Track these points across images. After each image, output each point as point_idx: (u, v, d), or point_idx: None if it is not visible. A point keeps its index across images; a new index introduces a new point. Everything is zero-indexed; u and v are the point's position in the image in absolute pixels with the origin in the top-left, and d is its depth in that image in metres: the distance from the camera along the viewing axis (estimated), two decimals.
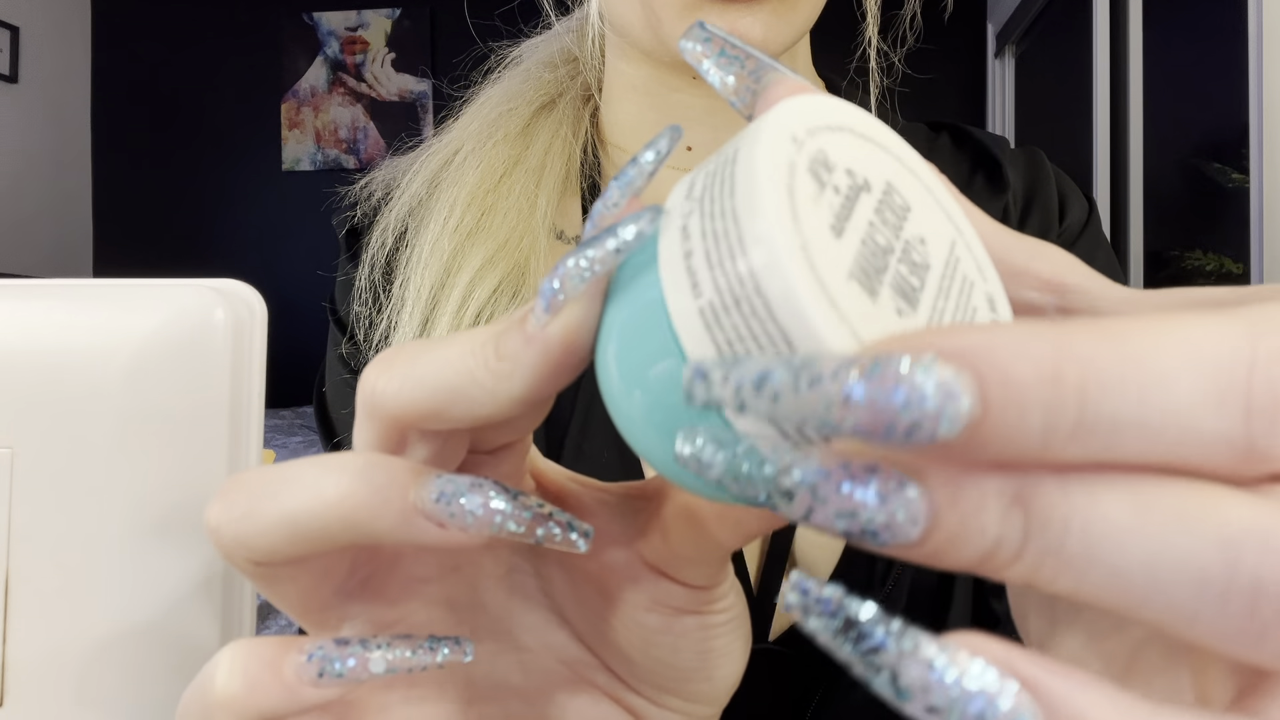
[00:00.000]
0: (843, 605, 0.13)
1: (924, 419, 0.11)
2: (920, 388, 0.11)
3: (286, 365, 1.27)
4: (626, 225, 0.16)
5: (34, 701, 0.27)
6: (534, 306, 0.17)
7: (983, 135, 0.53)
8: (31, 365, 0.27)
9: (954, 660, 0.12)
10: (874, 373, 0.11)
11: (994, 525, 0.12)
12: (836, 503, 0.12)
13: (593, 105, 0.53)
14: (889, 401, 0.11)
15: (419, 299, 0.46)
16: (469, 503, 0.17)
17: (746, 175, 0.15)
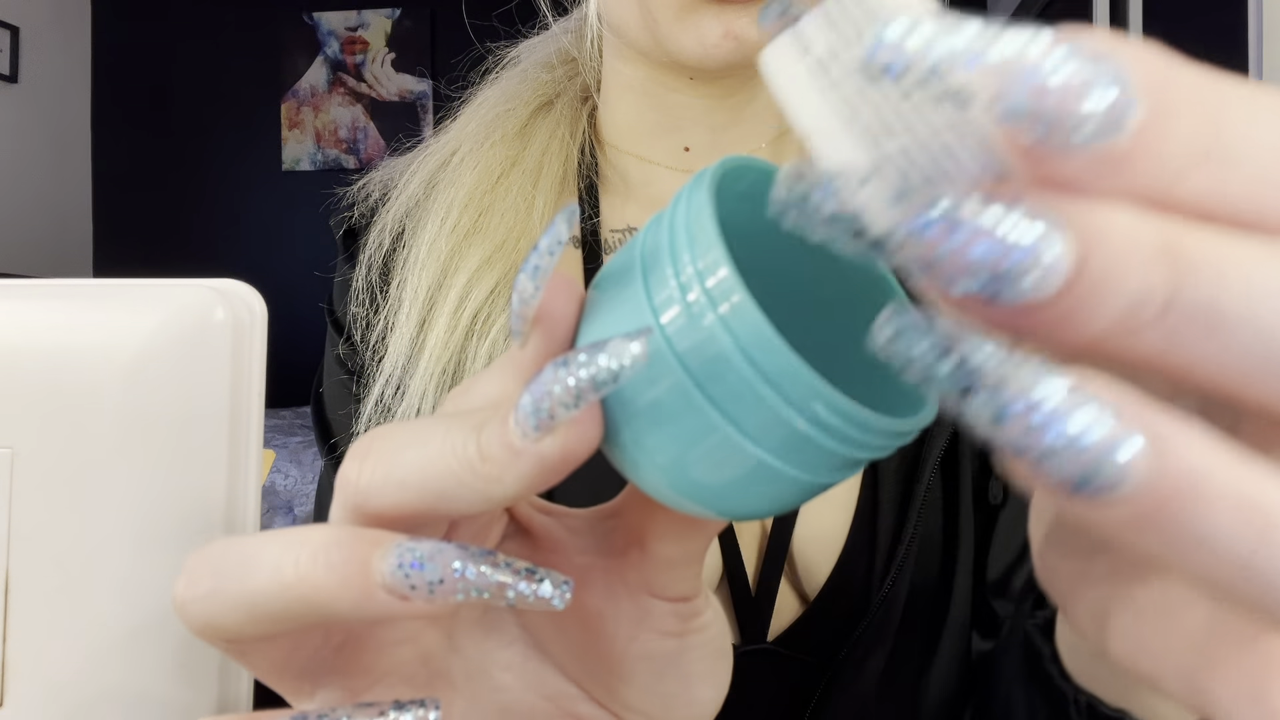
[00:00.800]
0: (943, 325, 0.12)
1: (1110, 111, 0.11)
2: (1108, 77, 0.11)
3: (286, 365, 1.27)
4: (626, 348, 0.15)
5: (34, 701, 0.27)
6: (516, 414, 0.16)
7: None
8: (31, 365, 0.27)
9: (1055, 383, 0.11)
10: (1068, 59, 0.11)
11: (1143, 269, 0.11)
12: (977, 237, 0.11)
13: (590, 106, 0.53)
14: (1078, 87, 0.11)
15: (416, 300, 0.46)
16: (430, 572, 0.17)
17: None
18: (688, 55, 0.41)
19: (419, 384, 0.44)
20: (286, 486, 1.88)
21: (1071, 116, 0.11)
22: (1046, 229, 0.11)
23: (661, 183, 0.50)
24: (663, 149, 0.50)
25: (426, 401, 0.44)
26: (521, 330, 0.17)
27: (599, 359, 0.15)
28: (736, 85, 0.48)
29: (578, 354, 0.16)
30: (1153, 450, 0.11)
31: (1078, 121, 0.11)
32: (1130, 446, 0.11)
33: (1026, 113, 0.11)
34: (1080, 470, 0.11)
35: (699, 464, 0.16)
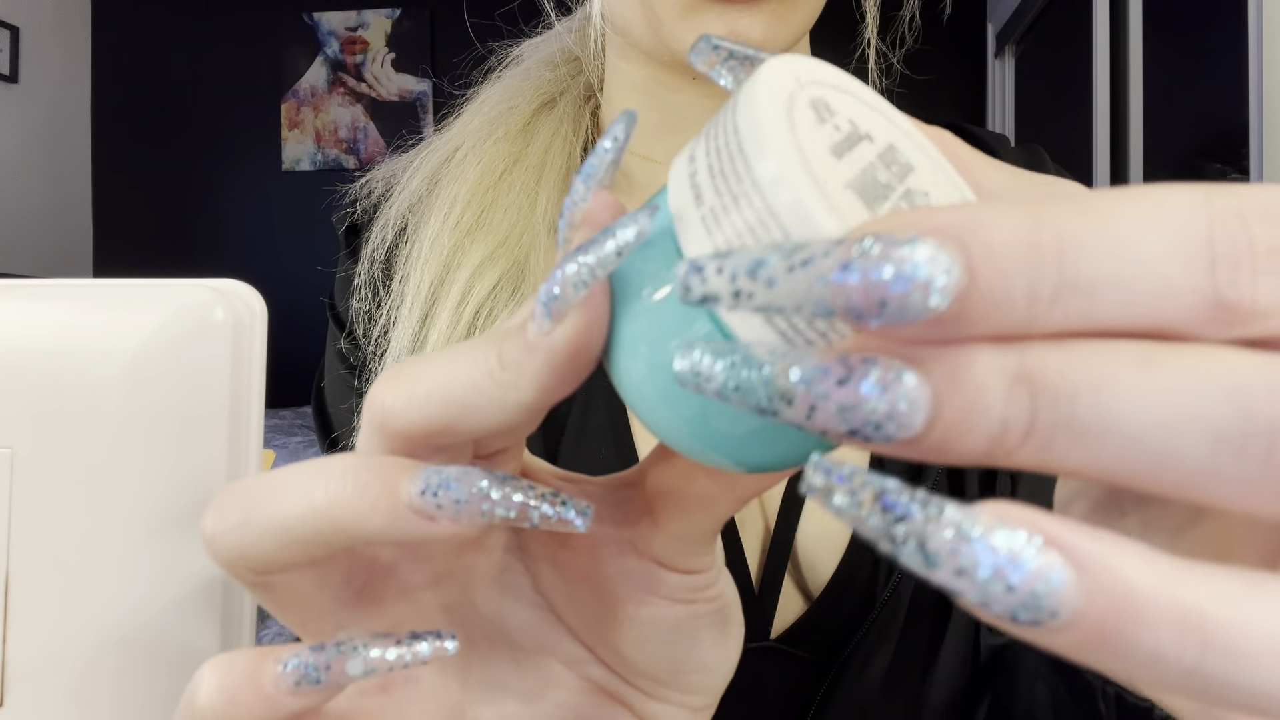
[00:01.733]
0: (865, 479, 0.12)
1: (914, 290, 0.11)
2: (910, 260, 0.11)
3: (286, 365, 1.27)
4: (626, 226, 0.16)
5: (34, 701, 0.27)
6: (533, 313, 0.17)
7: (983, 133, 0.53)
8: (31, 365, 0.27)
9: (979, 523, 0.12)
10: (865, 249, 0.12)
11: (999, 404, 0.12)
12: (837, 397, 0.12)
13: (593, 104, 0.53)
14: (879, 276, 0.11)
15: (419, 295, 0.46)
16: (456, 491, 0.17)
17: (748, 97, 0.15)
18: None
19: None
20: None
21: (880, 307, 0.11)
22: (901, 382, 0.12)
23: (664, 181, 0.50)
24: (665, 148, 0.50)
25: None
26: (567, 236, 0.18)
27: (604, 241, 0.16)
28: None
29: (588, 243, 0.16)
30: (1080, 578, 0.11)
31: (892, 310, 0.11)
32: (1059, 578, 0.11)
33: (835, 311, 0.12)
34: (1015, 606, 0.11)
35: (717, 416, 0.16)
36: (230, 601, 0.28)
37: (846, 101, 0.17)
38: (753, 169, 0.14)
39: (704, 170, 0.16)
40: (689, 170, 0.16)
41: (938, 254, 0.11)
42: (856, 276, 0.11)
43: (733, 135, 0.15)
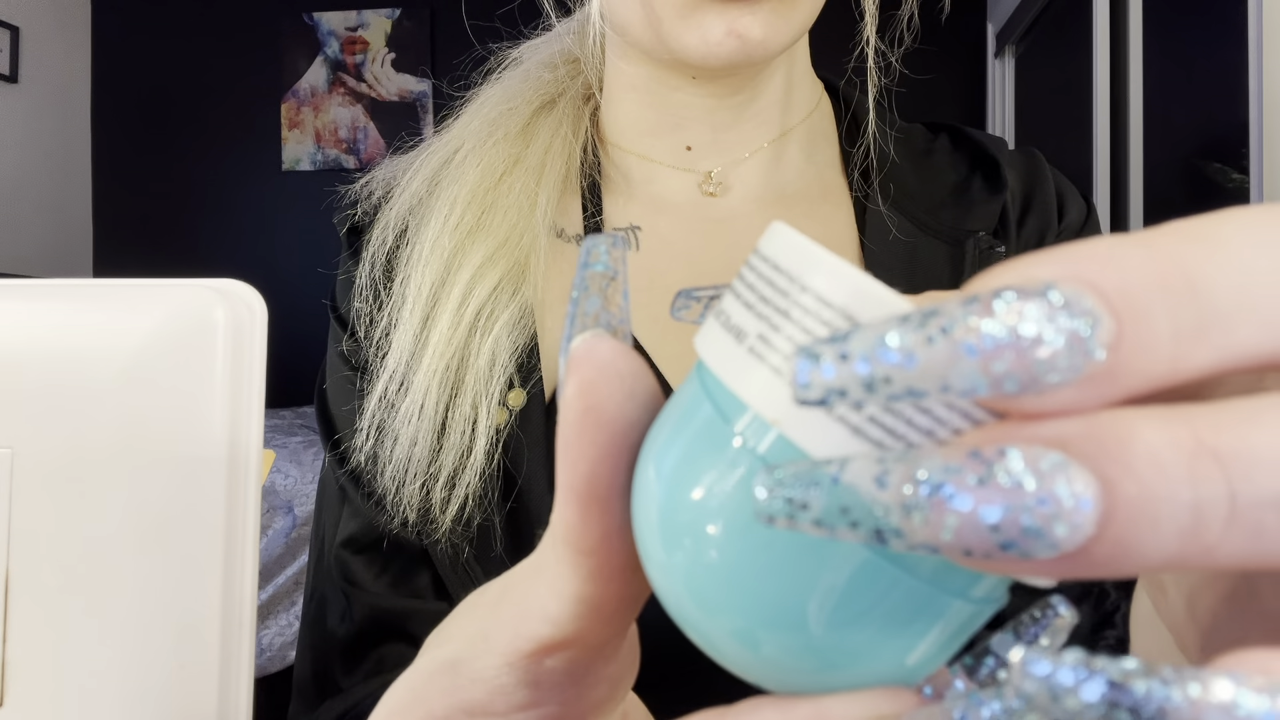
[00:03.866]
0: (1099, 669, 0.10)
1: (1073, 342, 0.10)
2: (1055, 308, 0.10)
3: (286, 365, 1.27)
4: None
5: (34, 701, 0.27)
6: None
7: (981, 136, 0.53)
8: (31, 365, 0.27)
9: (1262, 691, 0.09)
10: (1007, 301, 0.10)
11: (1184, 483, 0.10)
12: (983, 498, 0.10)
13: (593, 105, 0.53)
14: (1032, 334, 0.10)
15: (419, 296, 0.46)
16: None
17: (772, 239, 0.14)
18: (691, 54, 0.41)
19: (422, 380, 0.44)
20: (286, 486, 1.88)
21: (1033, 368, 0.10)
22: (1060, 468, 0.10)
23: (663, 181, 0.50)
24: (665, 148, 0.50)
25: (430, 397, 0.44)
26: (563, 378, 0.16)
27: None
28: (739, 85, 0.48)
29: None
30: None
31: (1043, 370, 0.10)
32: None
33: (986, 388, 0.10)
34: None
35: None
36: (230, 601, 0.29)
37: None
38: (803, 280, 0.13)
39: (739, 311, 0.14)
40: (719, 323, 0.15)
41: (1081, 303, 0.10)
42: (1005, 335, 0.10)
43: (768, 269, 0.14)
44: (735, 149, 0.50)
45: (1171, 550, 0.10)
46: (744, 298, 0.14)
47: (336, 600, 0.48)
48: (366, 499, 0.47)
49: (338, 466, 0.48)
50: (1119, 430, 0.10)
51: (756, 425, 0.14)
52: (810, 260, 0.13)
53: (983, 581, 0.14)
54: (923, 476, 0.10)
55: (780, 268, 0.14)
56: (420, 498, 0.44)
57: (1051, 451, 0.10)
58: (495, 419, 0.44)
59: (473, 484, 0.43)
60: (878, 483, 0.11)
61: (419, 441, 0.44)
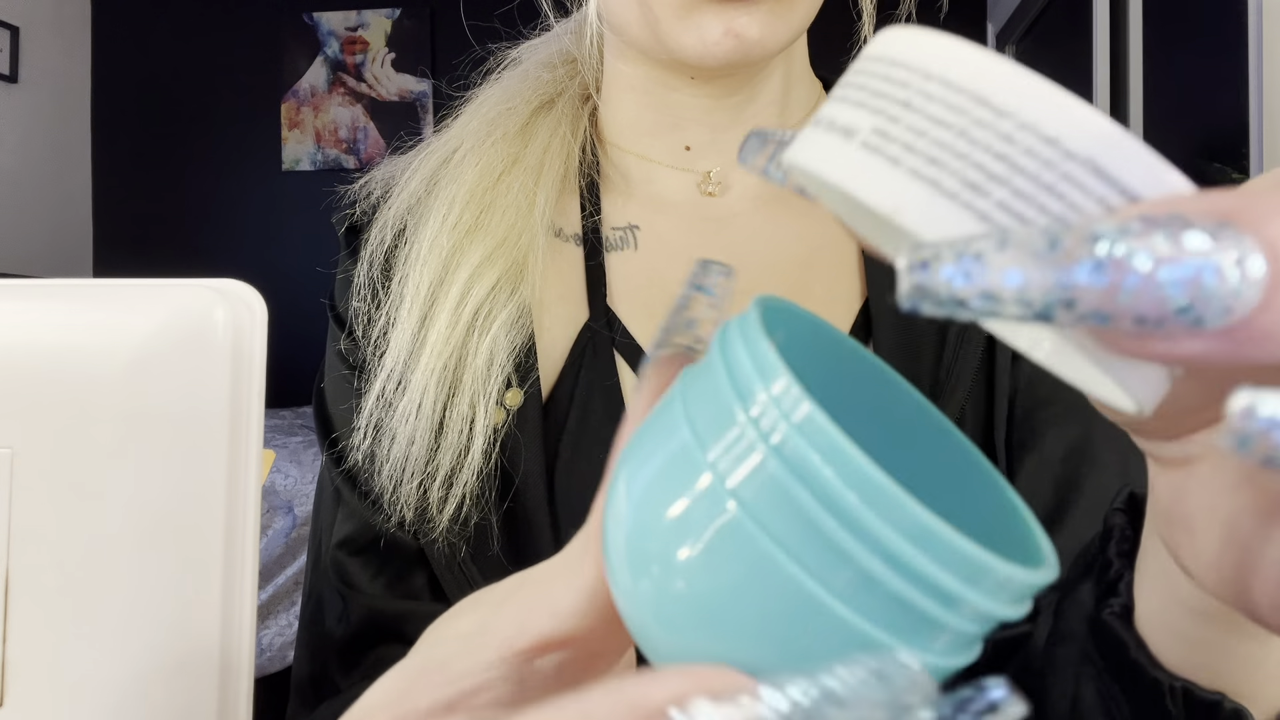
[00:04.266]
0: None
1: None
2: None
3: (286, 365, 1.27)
4: None
5: (34, 701, 0.27)
6: None
7: None
8: (31, 365, 0.27)
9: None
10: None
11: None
12: (1165, 256, 0.10)
13: (591, 105, 0.53)
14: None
15: (418, 295, 0.46)
16: None
17: (870, 47, 0.14)
18: (689, 54, 0.41)
19: (420, 379, 0.44)
20: (286, 486, 1.88)
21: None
22: (1229, 237, 0.10)
23: (662, 181, 0.50)
24: (663, 148, 0.50)
25: (428, 396, 0.44)
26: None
27: None
28: (737, 84, 0.48)
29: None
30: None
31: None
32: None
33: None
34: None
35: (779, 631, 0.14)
36: (229, 601, 0.29)
37: None
38: (909, 64, 0.13)
39: (843, 110, 0.14)
40: (818, 130, 0.14)
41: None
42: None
43: (899, 72, 0.14)
44: (734, 148, 0.50)
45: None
46: (866, 104, 0.14)
47: (334, 601, 0.48)
48: (362, 499, 0.47)
49: (334, 466, 0.48)
50: (1274, 204, 0.10)
51: (732, 450, 0.14)
52: (954, 56, 0.13)
53: (939, 641, 0.14)
54: (1100, 235, 0.10)
55: (914, 67, 0.13)
56: (417, 497, 0.44)
57: (1223, 220, 0.10)
58: (493, 419, 0.44)
59: (470, 483, 0.43)
60: (1050, 246, 0.10)
61: (416, 440, 0.44)
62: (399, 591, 0.47)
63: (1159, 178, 0.11)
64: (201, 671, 0.28)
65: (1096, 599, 0.31)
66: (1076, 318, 0.10)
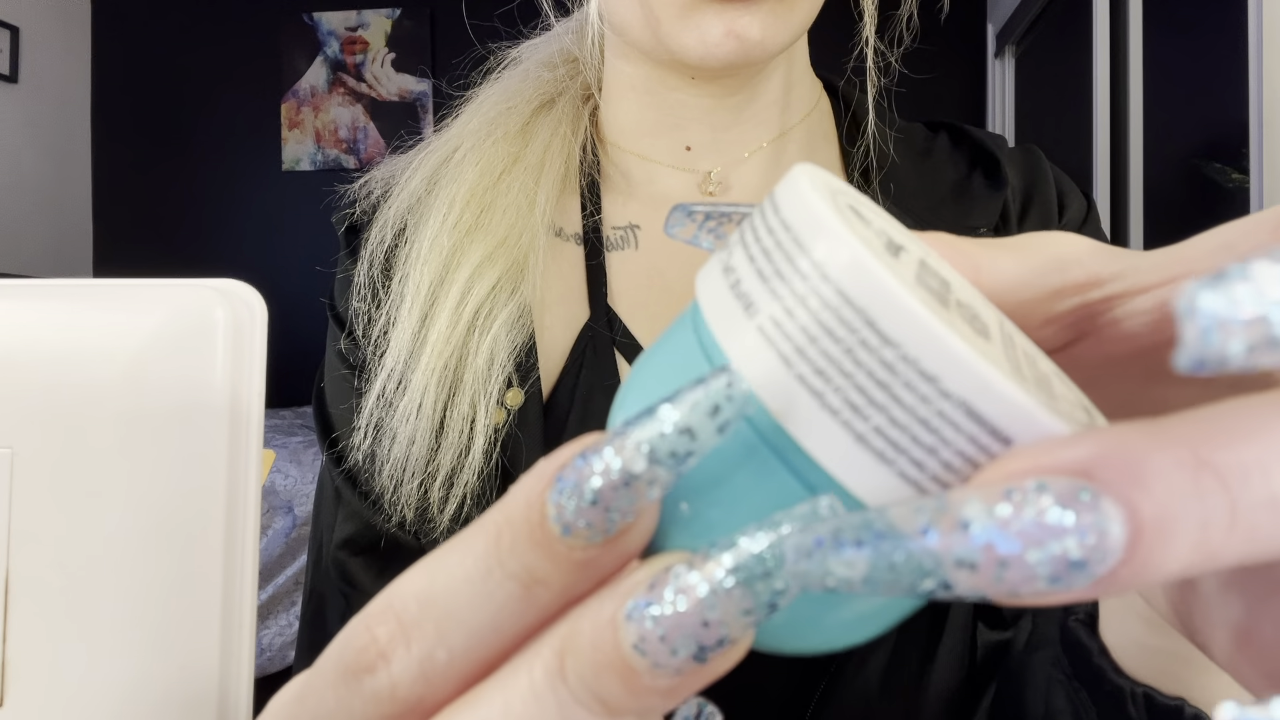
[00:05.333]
0: None
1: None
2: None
3: (286, 365, 1.27)
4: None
5: (34, 701, 0.27)
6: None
7: (981, 134, 0.53)
8: (31, 365, 0.27)
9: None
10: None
11: (1193, 500, 0.11)
12: (1031, 536, 0.11)
13: (592, 105, 0.53)
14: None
15: (418, 295, 0.46)
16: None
17: (789, 191, 0.14)
18: (689, 54, 0.41)
19: (420, 379, 0.44)
20: (286, 486, 1.88)
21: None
22: (1090, 501, 0.11)
23: (663, 181, 0.50)
24: (664, 148, 0.50)
25: (428, 396, 0.44)
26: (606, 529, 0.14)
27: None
28: (738, 85, 0.48)
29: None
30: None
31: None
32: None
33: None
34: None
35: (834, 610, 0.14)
36: (230, 602, 0.29)
37: (875, 211, 0.16)
38: (811, 253, 0.13)
39: (749, 275, 0.14)
40: (728, 282, 0.14)
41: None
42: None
43: (782, 233, 0.14)
44: (735, 149, 0.50)
45: (1184, 561, 0.11)
46: (750, 249, 0.14)
47: (335, 601, 0.48)
48: (363, 499, 0.46)
49: (334, 466, 0.48)
50: (1130, 455, 0.11)
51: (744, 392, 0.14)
52: (818, 228, 0.13)
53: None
54: (970, 522, 0.11)
55: (790, 227, 0.14)
56: (418, 497, 0.44)
57: (1080, 483, 0.11)
58: (494, 418, 0.44)
59: (471, 483, 0.43)
60: (923, 533, 0.11)
61: (417, 440, 0.44)
62: None
63: (1030, 422, 0.12)
64: (201, 671, 0.28)
65: (1065, 607, 0.32)
66: (956, 596, 0.11)
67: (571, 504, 0.13)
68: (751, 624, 0.12)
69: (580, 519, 0.13)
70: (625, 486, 0.13)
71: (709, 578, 0.13)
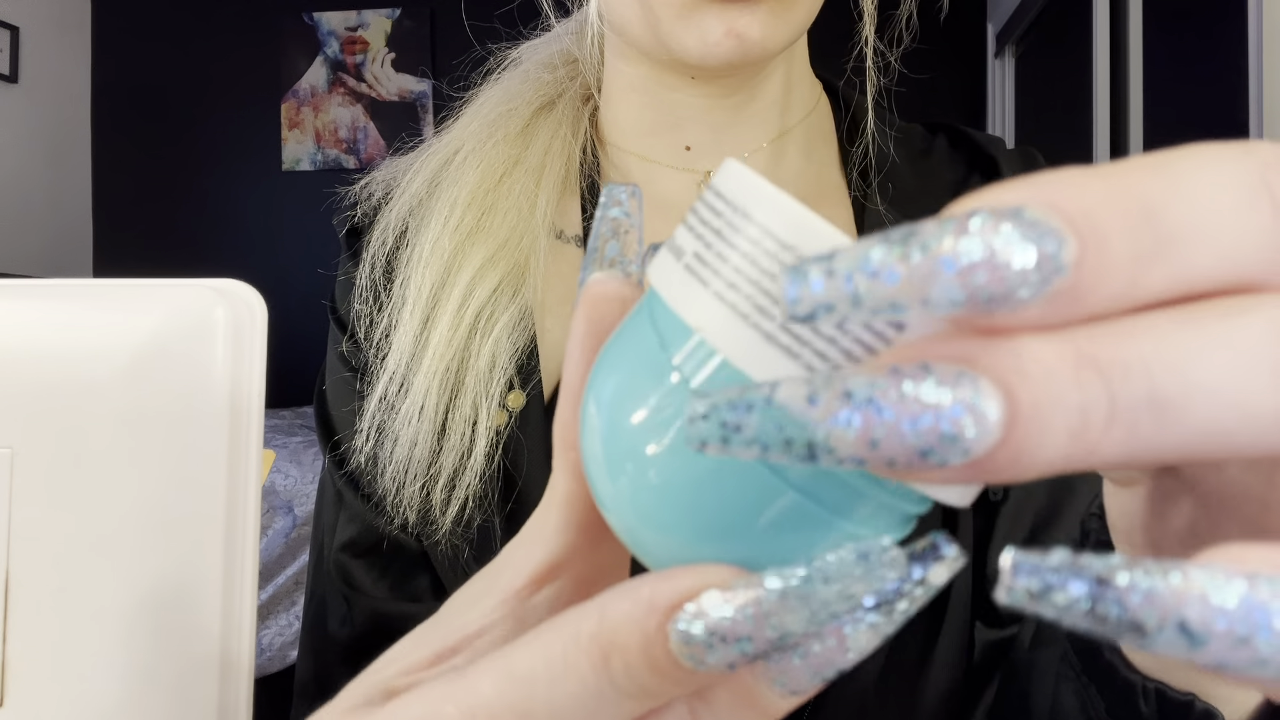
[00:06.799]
0: (1085, 562, 0.11)
1: (1042, 258, 0.11)
2: (1026, 228, 0.11)
3: (286, 365, 1.27)
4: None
5: (34, 701, 0.27)
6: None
7: (979, 136, 0.53)
8: (31, 365, 0.27)
9: (1240, 578, 0.10)
10: (982, 226, 0.11)
11: (1072, 390, 0.11)
12: (906, 410, 0.11)
13: (592, 105, 0.53)
14: (1006, 253, 0.11)
15: (419, 297, 0.46)
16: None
17: (724, 176, 0.15)
18: (690, 54, 0.41)
19: (422, 381, 0.44)
20: (286, 486, 1.88)
21: (1007, 282, 0.11)
22: (969, 382, 0.11)
23: (663, 182, 0.50)
24: (664, 148, 0.50)
25: (430, 399, 0.44)
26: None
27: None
28: (737, 84, 0.48)
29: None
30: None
31: (1016, 284, 0.11)
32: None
33: (963, 301, 0.11)
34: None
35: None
36: (230, 601, 0.29)
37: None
38: (748, 212, 0.14)
39: (689, 240, 0.15)
40: (670, 251, 0.16)
41: (1048, 223, 0.11)
42: (981, 254, 0.11)
43: (719, 203, 0.15)
44: (734, 149, 0.50)
45: (1062, 451, 0.11)
46: (695, 229, 0.16)
47: (337, 603, 0.48)
48: (365, 501, 0.47)
49: (336, 469, 0.48)
50: (1013, 346, 0.11)
51: (696, 353, 0.15)
52: (756, 194, 0.14)
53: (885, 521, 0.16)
54: (852, 392, 0.11)
55: (729, 200, 0.15)
56: (420, 499, 0.44)
57: (960, 366, 0.11)
58: (495, 420, 0.44)
59: (473, 485, 0.43)
60: (809, 401, 0.12)
61: (419, 443, 0.44)
62: (403, 594, 0.47)
63: (814, 235, 0.14)
64: (201, 671, 0.28)
65: None
66: (835, 460, 0.12)
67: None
68: None
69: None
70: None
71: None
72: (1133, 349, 0.11)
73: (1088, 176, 0.12)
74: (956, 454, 0.11)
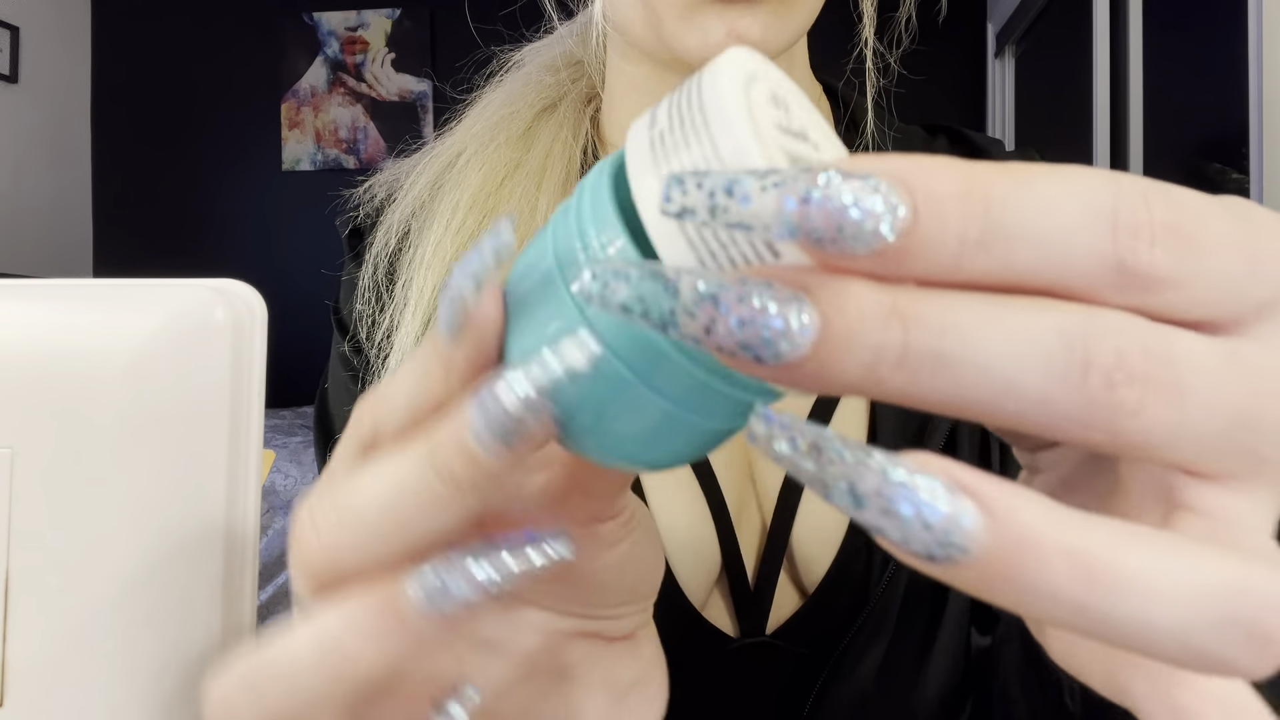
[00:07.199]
0: (803, 427, 0.14)
1: (868, 220, 0.13)
2: (866, 194, 0.13)
3: (286, 365, 1.27)
4: (571, 354, 0.17)
5: (34, 701, 0.27)
6: (473, 434, 0.17)
7: (979, 138, 0.53)
8: (31, 365, 0.27)
9: (902, 468, 0.13)
10: (829, 179, 0.13)
11: (876, 331, 0.13)
12: (737, 311, 0.13)
13: (594, 107, 0.53)
14: (841, 203, 0.13)
15: (421, 299, 0.46)
16: (455, 587, 0.18)
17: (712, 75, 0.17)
18: (691, 54, 0.42)
19: None
20: (286, 486, 1.88)
21: (836, 228, 0.13)
22: (796, 303, 0.13)
23: None
24: None
25: None
26: (453, 328, 0.18)
27: (548, 367, 0.17)
28: None
29: (527, 367, 0.17)
30: (988, 521, 0.13)
31: (845, 233, 0.13)
32: (970, 520, 0.13)
33: (797, 232, 0.13)
34: (931, 544, 0.13)
35: (618, 422, 0.18)
36: (230, 600, 0.29)
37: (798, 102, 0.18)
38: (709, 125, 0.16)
39: (663, 118, 0.17)
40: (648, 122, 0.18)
41: (890, 193, 0.13)
42: (820, 201, 0.13)
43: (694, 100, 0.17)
44: None
45: (855, 376, 0.14)
46: (671, 110, 0.17)
47: None
48: None
49: None
50: (843, 286, 0.14)
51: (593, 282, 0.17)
52: (720, 110, 0.16)
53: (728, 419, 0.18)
54: (701, 288, 0.14)
55: (702, 103, 0.16)
56: None
57: (797, 291, 0.14)
58: None
59: None
60: (670, 283, 0.14)
61: None
62: None
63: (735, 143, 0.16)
64: (202, 672, 0.28)
65: None
66: (681, 335, 0.14)
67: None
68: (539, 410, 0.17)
69: None
70: None
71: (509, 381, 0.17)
72: (936, 312, 0.13)
73: (948, 164, 0.14)
74: (770, 355, 0.13)
